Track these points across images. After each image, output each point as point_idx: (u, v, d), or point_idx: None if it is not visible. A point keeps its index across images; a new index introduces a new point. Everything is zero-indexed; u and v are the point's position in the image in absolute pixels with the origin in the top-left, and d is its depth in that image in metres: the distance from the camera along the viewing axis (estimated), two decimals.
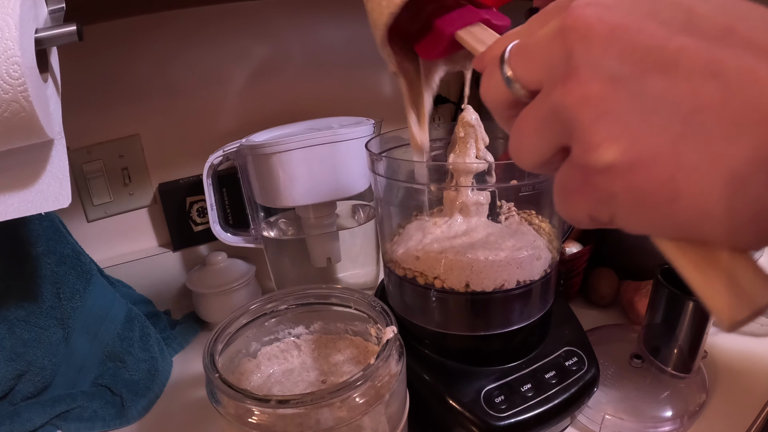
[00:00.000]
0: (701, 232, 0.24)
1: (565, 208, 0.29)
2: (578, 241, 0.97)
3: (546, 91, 0.28)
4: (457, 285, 0.65)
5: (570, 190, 0.27)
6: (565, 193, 0.28)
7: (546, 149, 0.29)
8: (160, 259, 1.09)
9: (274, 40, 1.10)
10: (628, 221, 0.26)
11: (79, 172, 0.99)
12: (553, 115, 0.27)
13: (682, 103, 0.23)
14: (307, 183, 0.86)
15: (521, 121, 0.30)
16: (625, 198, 0.25)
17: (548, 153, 0.29)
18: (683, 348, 0.75)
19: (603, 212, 0.26)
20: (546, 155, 0.29)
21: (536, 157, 0.30)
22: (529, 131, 0.29)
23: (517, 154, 0.31)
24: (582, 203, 0.27)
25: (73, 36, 0.49)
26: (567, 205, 0.28)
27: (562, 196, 0.29)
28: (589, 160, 0.25)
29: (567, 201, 0.28)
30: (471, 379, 0.66)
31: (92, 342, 0.81)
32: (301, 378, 0.68)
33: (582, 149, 0.25)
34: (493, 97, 0.33)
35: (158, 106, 1.04)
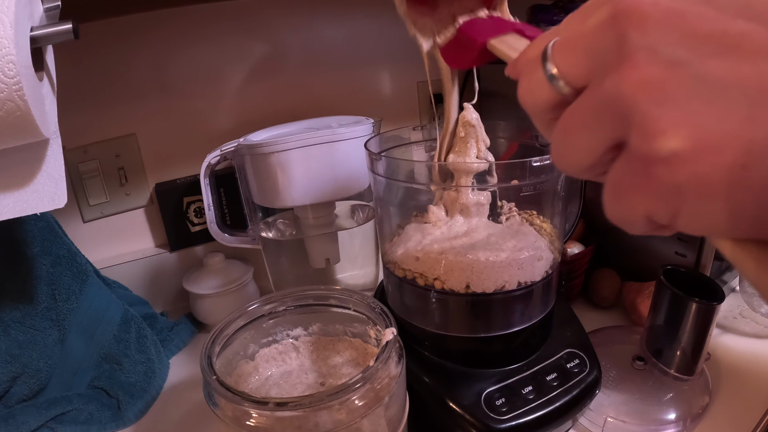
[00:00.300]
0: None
1: (620, 210, 0.27)
2: (580, 242, 0.97)
3: (597, 82, 0.26)
4: (457, 286, 0.65)
5: (627, 187, 0.26)
6: (620, 193, 0.26)
7: (597, 146, 0.27)
8: (157, 259, 1.09)
9: (272, 39, 1.10)
10: (693, 218, 0.24)
11: (74, 172, 0.99)
12: (606, 105, 0.25)
13: (747, 87, 0.22)
14: (306, 183, 0.86)
15: (568, 117, 0.28)
16: (692, 189, 0.23)
17: (600, 151, 0.27)
18: (686, 350, 0.75)
19: (664, 210, 0.24)
20: (597, 154, 0.27)
21: (586, 157, 0.28)
22: (577, 127, 0.28)
23: (562, 156, 0.29)
24: (640, 202, 0.25)
25: (69, 34, 0.49)
26: (622, 206, 0.26)
27: (616, 197, 0.27)
28: (652, 148, 0.23)
29: (623, 201, 0.26)
30: (471, 382, 0.65)
31: (88, 344, 0.81)
32: (300, 380, 0.68)
33: (642, 138, 0.24)
34: (534, 99, 0.31)
35: (155, 105, 1.04)
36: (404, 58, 1.24)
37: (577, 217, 0.84)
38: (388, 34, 1.20)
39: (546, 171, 0.61)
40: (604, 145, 0.26)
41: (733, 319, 0.91)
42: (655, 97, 0.23)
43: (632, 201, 0.25)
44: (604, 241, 0.99)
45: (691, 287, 0.72)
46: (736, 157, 0.22)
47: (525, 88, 0.32)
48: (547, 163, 0.60)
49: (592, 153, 0.27)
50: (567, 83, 0.29)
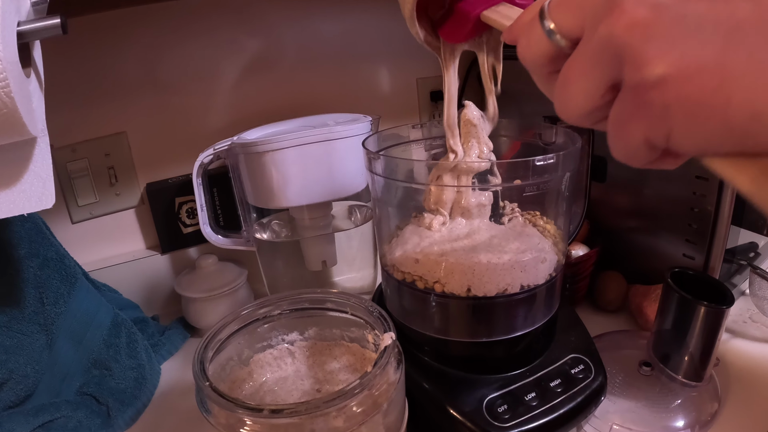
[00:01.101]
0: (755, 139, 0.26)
1: (623, 141, 0.30)
2: (585, 244, 0.97)
3: (590, 31, 0.30)
4: (458, 289, 0.65)
5: (625, 117, 0.30)
6: (621, 125, 0.30)
7: (597, 89, 0.31)
8: (148, 262, 1.09)
9: (267, 33, 1.10)
10: (684, 136, 0.28)
11: (63, 172, 0.99)
12: (601, 49, 0.29)
13: (722, 22, 0.26)
14: (302, 183, 0.86)
15: (567, 68, 0.32)
16: (680, 109, 0.27)
17: (598, 93, 0.31)
18: (694, 355, 0.75)
19: (659, 131, 0.28)
20: (597, 96, 0.31)
21: (587, 102, 0.32)
22: (577, 75, 0.32)
23: (565, 104, 0.33)
24: (638, 127, 0.29)
25: (57, 29, 0.49)
26: (624, 136, 0.30)
27: (618, 130, 0.30)
28: (643, 76, 0.27)
29: (624, 132, 0.30)
30: (473, 388, 0.66)
31: (77, 349, 0.81)
32: (296, 386, 0.68)
33: (634, 69, 0.28)
34: (534, 54, 0.35)
35: (146, 102, 1.04)
36: (403, 53, 1.24)
37: (582, 217, 0.84)
38: (386, 28, 1.20)
39: (549, 170, 0.61)
40: (602, 87, 0.31)
41: (742, 323, 0.91)
42: (643, 35, 0.27)
43: (632, 129, 0.29)
44: (609, 242, 0.99)
45: (700, 290, 0.73)
46: (716, 78, 0.26)
47: (524, 46, 0.36)
48: (551, 163, 0.60)
49: (592, 97, 0.31)
50: (564, 36, 0.33)
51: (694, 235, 0.86)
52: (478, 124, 0.66)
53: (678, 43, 0.26)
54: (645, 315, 0.90)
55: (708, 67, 0.26)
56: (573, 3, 0.32)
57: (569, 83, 0.32)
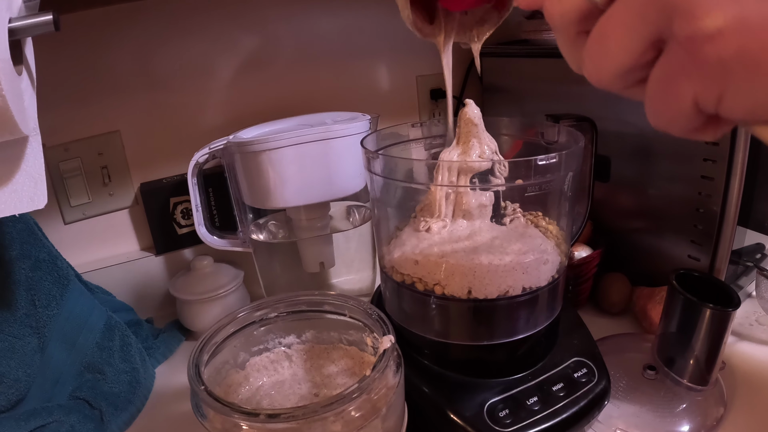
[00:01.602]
0: None
1: (666, 101, 0.28)
2: (588, 245, 0.97)
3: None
4: (458, 291, 0.65)
5: (673, 74, 0.27)
6: (666, 82, 0.28)
7: (639, 44, 0.28)
8: (142, 263, 1.09)
9: (263, 30, 1.10)
10: (738, 96, 0.26)
11: (55, 171, 1.00)
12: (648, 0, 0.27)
13: None
14: (299, 183, 0.86)
15: (606, 19, 0.30)
16: (737, 66, 0.25)
17: (641, 48, 0.28)
18: (700, 358, 0.75)
19: (711, 90, 0.26)
20: (638, 52, 0.29)
21: (627, 58, 0.29)
22: (617, 27, 0.29)
23: (599, 61, 0.31)
24: (687, 86, 0.27)
25: (50, 26, 0.49)
26: (668, 95, 0.28)
27: (662, 88, 0.28)
28: (699, 27, 0.25)
29: (669, 90, 0.28)
30: (473, 392, 0.66)
31: (69, 352, 0.81)
32: (293, 390, 0.68)
33: (688, 19, 0.25)
34: (564, 10, 0.32)
35: (140, 100, 1.04)
36: (403, 50, 1.24)
37: (585, 218, 0.84)
38: (385, 25, 1.20)
39: (552, 170, 0.61)
40: (646, 42, 0.28)
41: (749, 326, 0.91)
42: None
43: (679, 88, 0.27)
44: (613, 243, 0.99)
45: (705, 292, 0.73)
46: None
47: (555, 3, 0.33)
48: (553, 162, 0.61)
49: (632, 52, 0.29)
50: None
51: (700, 236, 0.86)
52: (479, 123, 0.66)
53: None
54: (649, 317, 0.90)
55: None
56: None
57: (606, 37, 0.30)
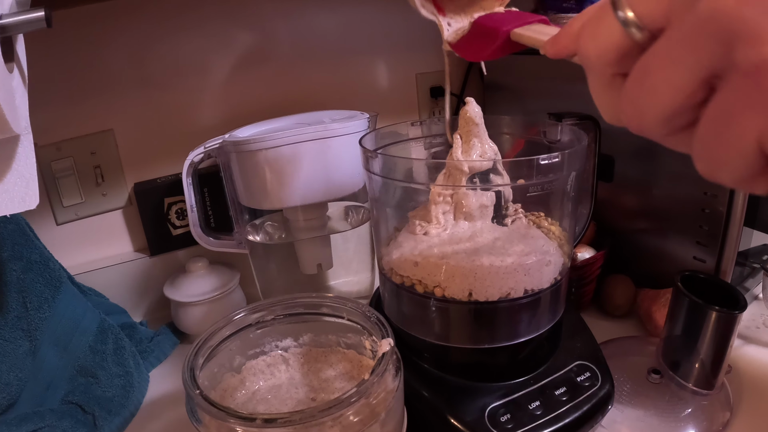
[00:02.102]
0: None
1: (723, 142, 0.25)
2: (591, 246, 0.97)
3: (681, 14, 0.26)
4: (459, 293, 0.65)
5: (735, 111, 0.25)
6: (725, 121, 0.25)
7: (690, 81, 0.26)
8: (136, 265, 1.09)
9: (260, 26, 1.10)
10: None
11: (47, 171, 0.99)
12: (700, 28, 0.25)
13: None
14: (296, 182, 0.86)
15: (650, 59, 0.27)
16: None
17: (691, 87, 0.26)
18: (706, 362, 0.75)
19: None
20: (688, 91, 0.26)
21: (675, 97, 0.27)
22: (662, 64, 0.27)
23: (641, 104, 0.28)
24: (752, 122, 0.24)
25: (42, 22, 0.49)
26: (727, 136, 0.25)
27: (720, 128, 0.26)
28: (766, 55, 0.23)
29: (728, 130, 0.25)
30: (474, 396, 0.66)
31: (62, 355, 0.81)
32: (290, 395, 0.68)
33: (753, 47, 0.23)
34: (601, 48, 0.30)
35: (134, 98, 1.04)
36: (402, 47, 1.24)
37: (588, 219, 0.84)
38: (384, 21, 1.20)
39: (554, 170, 0.61)
40: (697, 79, 0.26)
41: (755, 329, 0.91)
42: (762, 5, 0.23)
43: (742, 124, 0.24)
44: (616, 245, 1.00)
45: (711, 294, 0.73)
46: None
47: (590, 37, 0.31)
48: (556, 161, 0.61)
49: (682, 91, 0.26)
50: (644, 26, 0.28)
51: (705, 237, 0.86)
52: (480, 122, 0.66)
53: None
54: (654, 320, 0.90)
55: None
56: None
57: (650, 75, 0.27)
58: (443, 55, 0.61)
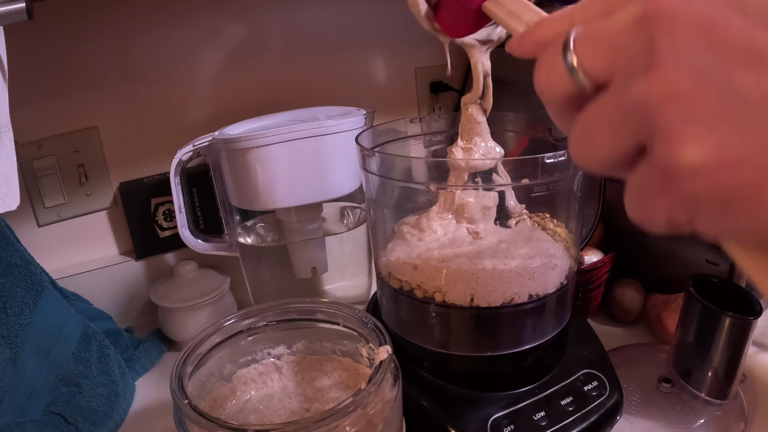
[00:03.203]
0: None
1: (641, 213, 0.30)
2: (598, 249, 0.97)
3: (621, 84, 0.29)
4: (460, 298, 0.65)
5: (648, 193, 0.29)
6: (641, 197, 0.30)
7: (619, 148, 0.30)
8: (121, 269, 1.09)
9: (251, 18, 1.10)
10: (708, 225, 0.27)
11: (28, 170, 0.99)
12: (631, 110, 0.28)
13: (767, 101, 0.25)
14: (289, 182, 0.86)
15: (590, 116, 0.31)
16: (709, 201, 0.26)
17: (621, 152, 0.30)
18: (719, 370, 0.75)
19: (683, 216, 0.28)
20: (618, 155, 0.30)
21: (607, 157, 0.30)
22: (600, 128, 0.30)
23: (583, 154, 0.32)
24: (661, 207, 0.28)
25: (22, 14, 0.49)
26: (643, 209, 0.30)
27: (638, 201, 0.30)
28: (674, 160, 0.26)
29: (644, 205, 0.30)
30: (476, 406, 0.66)
31: (44, 364, 0.81)
32: (282, 405, 0.68)
33: (665, 149, 0.27)
34: (551, 89, 0.33)
35: (119, 94, 1.04)
36: (401, 40, 1.24)
37: (596, 220, 0.84)
38: (382, 13, 1.20)
39: (560, 169, 0.61)
40: (626, 148, 0.29)
41: None
42: (682, 111, 0.26)
43: (653, 205, 0.29)
44: (625, 247, 1.00)
45: (725, 300, 0.73)
46: (755, 173, 0.25)
47: (542, 76, 0.34)
48: (562, 160, 0.61)
49: (613, 154, 0.30)
50: (589, 79, 0.31)
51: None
52: (482, 121, 0.66)
53: (719, 128, 0.25)
54: (665, 327, 0.90)
55: (748, 158, 0.25)
56: (605, 44, 0.30)
57: (590, 133, 0.31)
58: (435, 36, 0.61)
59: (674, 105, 0.26)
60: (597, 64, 0.30)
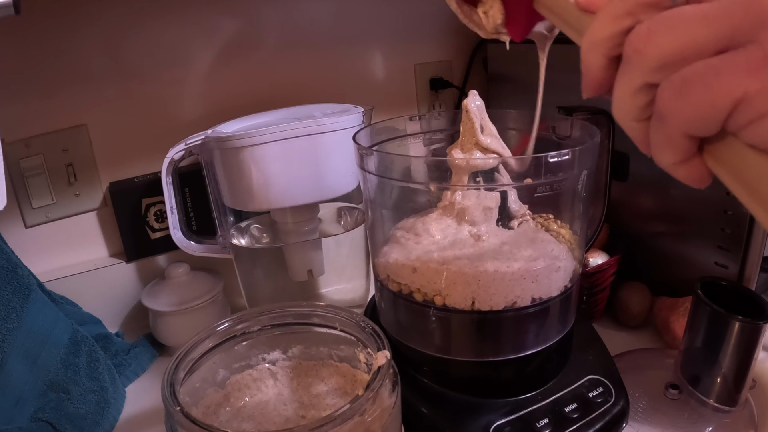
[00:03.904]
0: None
1: (709, 93, 0.28)
2: (604, 251, 0.97)
3: None
4: (461, 302, 0.65)
5: (727, 70, 0.27)
6: (716, 75, 0.28)
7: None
8: (111, 271, 1.09)
9: (246, 13, 1.10)
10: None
11: (15, 169, 0.99)
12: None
13: None
14: (285, 182, 0.87)
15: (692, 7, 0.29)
16: None
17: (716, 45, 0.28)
18: (728, 376, 0.75)
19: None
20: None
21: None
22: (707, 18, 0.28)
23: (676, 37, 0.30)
24: (739, 82, 0.27)
25: (9, 8, 0.49)
26: (716, 88, 0.27)
27: (711, 80, 0.28)
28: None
29: (718, 83, 0.27)
30: (477, 413, 0.66)
31: (31, 369, 0.81)
32: (278, 412, 0.68)
33: None
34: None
35: (109, 91, 1.04)
36: (400, 36, 1.24)
37: (601, 221, 0.84)
38: (380, 7, 1.20)
39: (564, 168, 0.61)
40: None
41: None
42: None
43: (729, 82, 0.27)
44: (632, 249, 1.00)
45: (734, 303, 0.73)
46: None
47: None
48: (566, 159, 0.60)
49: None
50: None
51: (728, 240, 0.86)
52: (476, 113, 0.66)
53: None
54: (672, 331, 0.90)
55: None
56: None
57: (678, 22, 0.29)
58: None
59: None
60: None
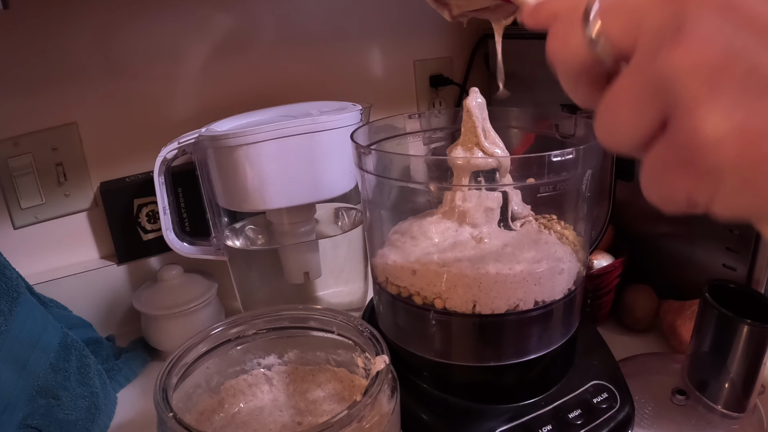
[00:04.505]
0: None
1: (660, 191, 0.31)
2: (609, 253, 0.97)
3: (646, 54, 0.30)
4: (461, 305, 0.65)
5: (669, 168, 0.30)
6: (662, 173, 0.31)
7: (646, 126, 0.30)
8: (102, 273, 1.08)
9: (240, 9, 1.10)
10: (729, 201, 0.28)
11: (3, 169, 0.99)
12: (658, 83, 0.29)
13: None
14: (281, 182, 0.86)
15: (616, 94, 0.31)
16: (733, 174, 0.27)
17: (648, 130, 0.30)
18: (736, 381, 0.75)
19: (704, 192, 0.29)
20: (646, 133, 0.31)
21: (635, 137, 0.31)
22: (626, 105, 0.31)
23: (610, 134, 0.33)
24: (682, 183, 0.29)
25: None
26: (664, 185, 0.31)
27: (658, 176, 0.31)
28: (698, 132, 0.27)
29: (664, 181, 0.31)
30: (479, 420, 0.66)
31: (20, 374, 0.81)
32: (273, 418, 0.68)
33: (690, 119, 0.28)
34: (567, 58, 0.34)
35: (100, 88, 1.03)
36: (399, 32, 1.24)
37: (606, 222, 0.84)
38: (379, 2, 1.20)
39: (568, 167, 0.61)
40: (653, 125, 0.30)
41: None
42: (709, 82, 0.27)
43: (674, 181, 0.30)
44: (637, 251, 1.00)
45: (742, 306, 0.73)
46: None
47: (557, 43, 0.35)
48: (570, 158, 0.60)
49: (640, 131, 0.31)
50: (611, 49, 0.32)
51: (736, 242, 0.86)
52: (484, 115, 0.66)
53: (745, 100, 0.26)
54: (679, 335, 0.90)
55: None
56: (630, 12, 0.31)
57: (615, 113, 0.32)
58: None
59: (701, 75, 0.27)
60: (621, 33, 0.31)
